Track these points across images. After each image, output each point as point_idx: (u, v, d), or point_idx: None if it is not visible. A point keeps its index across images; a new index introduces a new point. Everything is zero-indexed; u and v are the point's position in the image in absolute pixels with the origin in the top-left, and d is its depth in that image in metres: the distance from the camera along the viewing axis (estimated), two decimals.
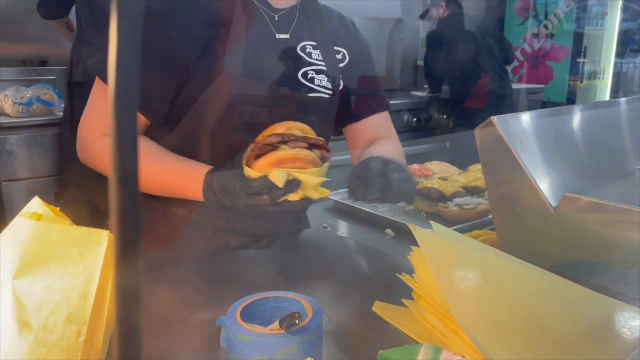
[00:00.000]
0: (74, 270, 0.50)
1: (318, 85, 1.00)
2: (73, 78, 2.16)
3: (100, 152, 0.91)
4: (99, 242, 0.51)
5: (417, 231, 0.71)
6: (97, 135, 0.91)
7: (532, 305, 0.63)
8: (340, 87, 1.05)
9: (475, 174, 1.32)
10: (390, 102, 1.23)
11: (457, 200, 1.22)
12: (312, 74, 0.99)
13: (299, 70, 0.98)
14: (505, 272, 0.67)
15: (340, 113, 1.09)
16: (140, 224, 0.28)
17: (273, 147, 0.80)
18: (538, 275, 0.68)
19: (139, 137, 0.94)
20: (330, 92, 1.02)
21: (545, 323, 0.59)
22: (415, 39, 3.98)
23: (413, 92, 3.65)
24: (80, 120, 0.93)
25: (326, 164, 0.85)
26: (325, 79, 1.01)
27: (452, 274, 0.66)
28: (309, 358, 0.59)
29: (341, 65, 1.06)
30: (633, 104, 1.14)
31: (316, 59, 1.01)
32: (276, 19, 0.98)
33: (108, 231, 0.51)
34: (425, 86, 3.73)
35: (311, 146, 0.83)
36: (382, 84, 1.23)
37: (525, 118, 0.86)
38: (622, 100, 1.12)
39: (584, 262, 0.77)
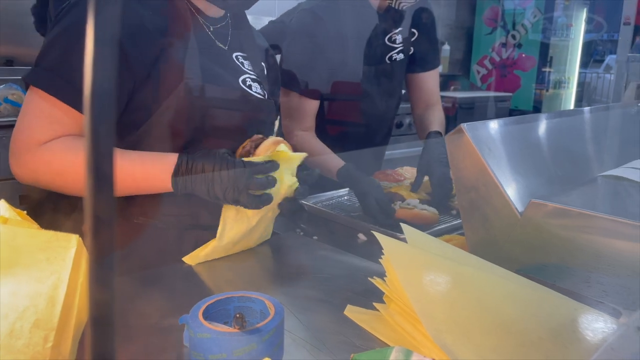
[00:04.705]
0: (41, 275, 0.48)
1: (256, 92, 1.07)
2: None
3: (39, 161, 0.87)
4: (68, 247, 0.50)
5: (382, 238, 0.72)
6: (34, 143, 0.86)
7: (498, 308, 0.64)
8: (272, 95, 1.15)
9: None
10: None
11: (402, 203, 1.25)
12: (249, 81, 1.07)
13: (239, 77, 1.05)
14: (472, 277, 0.69)
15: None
16: (115, 229, 0.28)
17: (259, 140, 0.95)
18: (504, 278, 0.70)
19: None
20: (265, 98, 1.09)
21: (511, 326, 0.61)
22: None
23: None
24: (14, 134, 0.88)
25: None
26: (259, 87, 1.09)
27: (419, 280, 0.67)
28: (267, 358, 0.60)
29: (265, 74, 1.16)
30: (596, 113, 1.18)
31: (248, 69, 1.09)
32: (212, 29, 1.04)
33: (77, 235, 0.51)
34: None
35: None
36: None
37: (494, 126, 0.89)
38: (586, 109, 1.16)
39: (548, 265, 0.79)
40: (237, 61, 1.08)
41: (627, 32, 4.20)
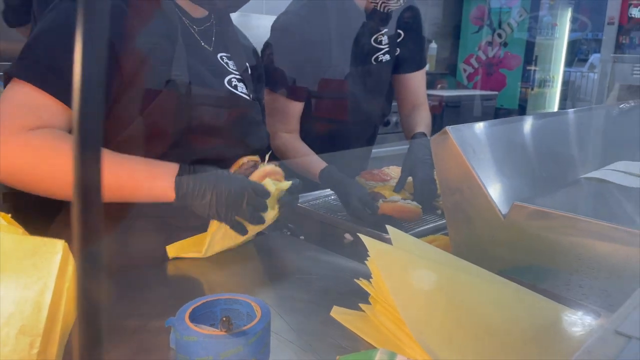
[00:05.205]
0: (28, 281, 0.48)
1: (242, 92, 1.08)
2: None
3: (24, 145, 0.81)
4: (54, 252, 0.50)
5: (367, 241, 0.73)
6: (17, 128, 0.81)
7: (481, 310, 0.65)
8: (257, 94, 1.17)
9: None
10: None
11: (385, 199, 1.26)
12: (235, 82, 1.08)
13: (224, 78, 1.06)
14: (456, 279, 0.70)
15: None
16: (101, 239, 0.29)
17: (252, 169, 0.99)
18: (487, 281, 0.71)
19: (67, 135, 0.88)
20: (250, 98, 1.10)
21: (493, 328, 0.62)
22: None
23: None
24: None
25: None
26: (244, 87, 1.10)
27: (404, 282, 0.68)
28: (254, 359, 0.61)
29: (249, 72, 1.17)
30: (579, 115, 1.20)
31: (233, 69, 1.09)
32: (196, 30, 1.05)
33: (63, 241, 0.51)
34: None
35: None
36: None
37: (479, 127, 0.90)
38: (570, 111, 1.18)
39: (531, 267, 0.80)
40: (221, 61, 1.08)
41: (611, 32, 4.27)
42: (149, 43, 0.92)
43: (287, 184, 0.99)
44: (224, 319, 0.64)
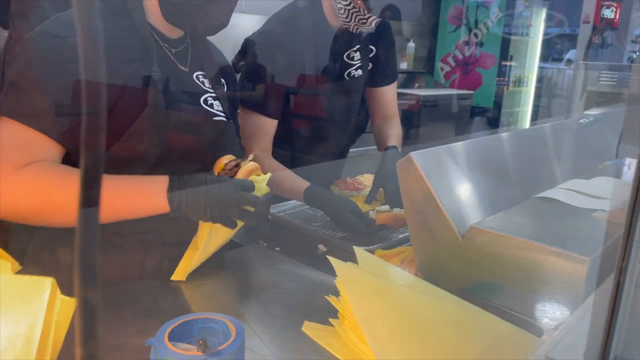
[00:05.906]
0: (18, 317, 0.53)
1: (217, 110, 1.12)
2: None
3: (20, 183, 0.85)
4: (42, 289, 0.54)
5: (335, 262, 0.78)
6: (11, 167, 0.85)
7: (438, 331, 0.72)
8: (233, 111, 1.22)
9: None
10: None
11: (378, 209, 1.32)
12: (211, 100, 1.12)
13: (200, 98, 1.10)
14: (416, 300, 0.76)
15: None
16: (98, 270, 0.33)
17: (236, 168, 1.02)
18: (444, 300, 0.78)
19: (64, 166, 0.92)
20: (225, 115, 1.14)
21: (448, 348, 0.68)
22: None
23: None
24: None
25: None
26: (220, 105, 1.13)
27: (367, 304, 0.74)
28: None
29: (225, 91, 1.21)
30: (541, 131, 1.27)
31: (208, 87, 1.13)
32: (173, 52, 1.08)
33: (52, 278, 0.55)
34: None
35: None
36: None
37: (442, 152, 0.96)
38: (531, 128, 1.24)
39: (487, 284, 0.87)
40: (197, 81, 1.12)
41: (586, 31, 4.38)
42: (127, 69, 0.95)
43: (266, 177, 1.04)
44: (201, 341, 0.69)
